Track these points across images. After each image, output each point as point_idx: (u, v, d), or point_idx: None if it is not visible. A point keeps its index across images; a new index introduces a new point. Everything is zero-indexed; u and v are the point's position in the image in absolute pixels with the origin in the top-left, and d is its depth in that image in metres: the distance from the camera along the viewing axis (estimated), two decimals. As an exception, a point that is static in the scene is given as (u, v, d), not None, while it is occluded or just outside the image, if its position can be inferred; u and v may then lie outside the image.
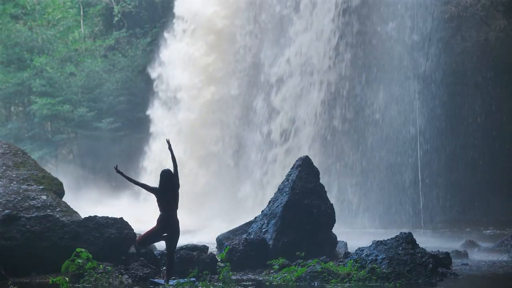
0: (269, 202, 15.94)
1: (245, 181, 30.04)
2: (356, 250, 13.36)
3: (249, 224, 16.62)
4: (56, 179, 15.99)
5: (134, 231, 13.67)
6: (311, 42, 28.73)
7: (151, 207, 13.25)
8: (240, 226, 17.12)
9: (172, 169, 11.95)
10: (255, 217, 16.21)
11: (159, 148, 31.75)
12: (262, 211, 15.91)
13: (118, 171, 11.89)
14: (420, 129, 26.86)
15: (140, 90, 36.72)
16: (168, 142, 12.05)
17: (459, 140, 26.82)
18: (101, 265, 12.49)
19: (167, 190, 11.78)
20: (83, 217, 13.91)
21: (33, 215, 13.33)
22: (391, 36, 27.70)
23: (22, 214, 13.32)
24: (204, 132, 31.96)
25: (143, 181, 12.97)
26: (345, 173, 28.27)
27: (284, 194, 15.50)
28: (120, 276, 12.45)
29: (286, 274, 12.55)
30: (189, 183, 28.48)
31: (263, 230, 15.21)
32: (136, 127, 35.55)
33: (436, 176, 26.66)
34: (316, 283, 12.03)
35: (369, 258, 12.72)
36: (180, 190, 11.96)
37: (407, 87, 27.36)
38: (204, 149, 31.76)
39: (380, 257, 12.58)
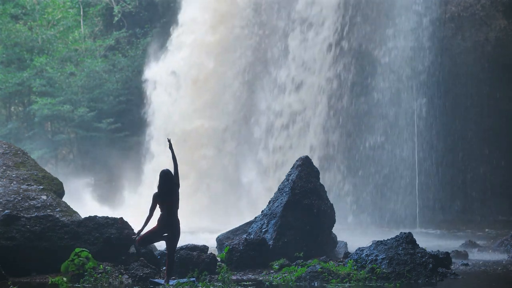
0: (269, 202, 15.93)
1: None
2: (356, 250, 13.35)
3: (249, 224, 16.62)
4: (56, 179, 16.01)
5: (134, 231, 13.66)
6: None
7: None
8: (240, 226, 17.13)
9: (172, 169, 11.95)
10: (255, 217, 16.21)
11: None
12: (262, 211, 15.91)
13: (138, 239, 11.95)
14: (419, 129, 26.86)
15: (140, 90, 36.71)
16: (169, 141, 12.05)
17: (458, 140, 26.83)
18: (101, 265, 12.50)
19: (167, 190, 11.77)
20: (83, 217, 13.91)
21: (33, 215, 13.33)
22: (391, 36, 27.71)
23: (22, 214, 13.32)
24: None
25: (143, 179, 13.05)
26: (345, 173, 28.28)
27: (284, 194, 15.50)
28: (120, 276, 12.45)
29: (286, 274, 12.55)
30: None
31: (263, 230, 15.20)
32: (136, 127, 35.52)
33: (435, 176, 26.66)
34: (316, 283, 12.03)
35: (369, 258, 12.72)
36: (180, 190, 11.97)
37: (406, 87, 27.36)
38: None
39: (380, 257, 12.58)
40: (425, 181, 26.68)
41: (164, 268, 12.80)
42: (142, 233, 11.86)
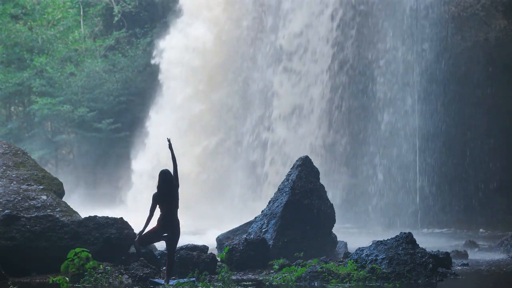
0: (269, 202, 15.93)
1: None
2: (356, 250, 13.34)
3: (249, 224, 16.62)
4: (56, 179, 16.01)
5: (134, 231, 13.66)
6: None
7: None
8: (240, 226, 17.13)
9: (171, 169, 11.94)
10: (255, 217, 16.21)
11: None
12: (262, 211, 15.92)
13: (138, 240, 11.94)
14: (420, 129, 26.86)
15: (140, 90, 36.71)
16: (168, 140, 12.02)
17: (459, 140, 26.82)
18: (101, 265, 12.50)
19: (166, 190, 11.76)
20: (83, 217, 13.91)
21: (33, 215, 13.33)
22: (390, 37, 27.71)
23: (22, 214, 13.32)
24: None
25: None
26: (344, 173, 28.27)
27: (284, 194, 15.50)
28: (120, 276, 12.45)
29: (286, 274, 12.55)
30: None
31: (263, 230, 15.21)
32: (137, 128, 35.52)
33: (435, 176, 26.66)
34: (316, 283, 12.03)
35: (369, 258, 12.71)
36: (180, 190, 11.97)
37: (406, 87, 27.36)
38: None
39: (380, 257, 12.58)
40: (426, 181, 26.67)
41: (164, 268, 12.80)
42: (143, 233, 11.87)
